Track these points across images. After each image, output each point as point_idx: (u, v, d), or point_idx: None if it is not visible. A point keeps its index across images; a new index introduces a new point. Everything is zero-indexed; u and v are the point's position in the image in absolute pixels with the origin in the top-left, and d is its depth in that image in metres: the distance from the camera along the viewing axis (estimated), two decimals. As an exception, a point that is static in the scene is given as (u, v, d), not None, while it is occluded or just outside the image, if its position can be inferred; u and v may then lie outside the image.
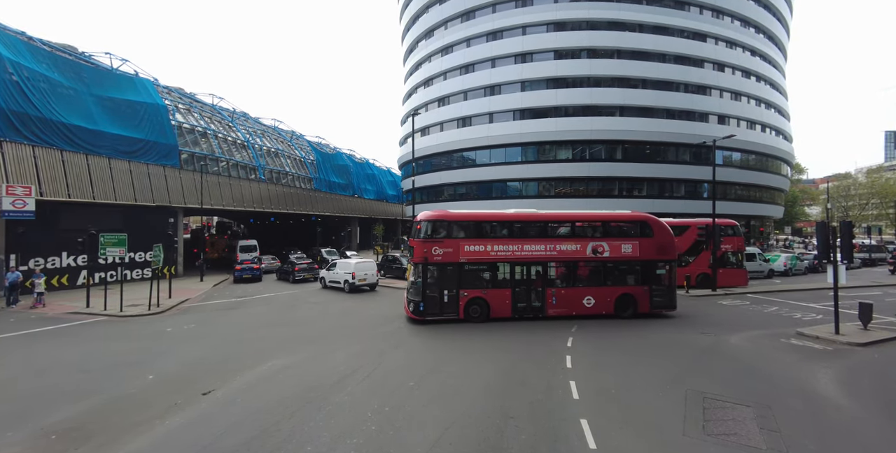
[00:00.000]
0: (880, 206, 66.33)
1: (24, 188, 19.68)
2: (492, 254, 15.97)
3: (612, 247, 16.48)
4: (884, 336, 13.49)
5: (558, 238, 16.70)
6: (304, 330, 14.94)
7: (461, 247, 15.73)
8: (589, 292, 16.41)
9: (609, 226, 17.10)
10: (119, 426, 7.35)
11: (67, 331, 14.69)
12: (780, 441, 6.91)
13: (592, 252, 16.41)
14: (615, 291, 16.48)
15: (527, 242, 16.26)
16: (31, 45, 22.98)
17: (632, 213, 17.82)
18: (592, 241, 16.48)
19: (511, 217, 16.89)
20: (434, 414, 7.72)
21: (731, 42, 42.96)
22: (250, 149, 39.24)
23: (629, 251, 16.54)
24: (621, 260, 16.59)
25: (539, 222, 16.89)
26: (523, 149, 41.23)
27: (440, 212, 16.77)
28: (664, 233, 16.84)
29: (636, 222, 17.09)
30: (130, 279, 25.90)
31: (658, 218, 17.41)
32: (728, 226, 26.05)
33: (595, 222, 17.25)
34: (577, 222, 17.31)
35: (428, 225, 16.07)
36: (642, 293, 16.55)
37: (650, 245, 16.61)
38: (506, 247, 16.07)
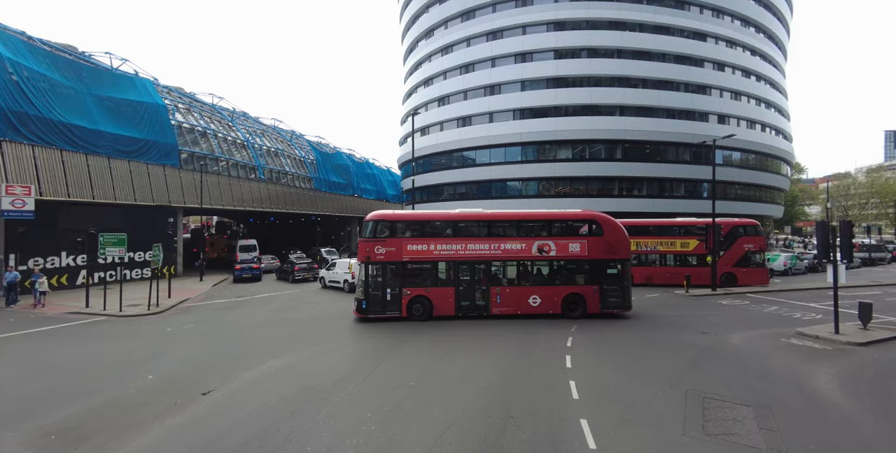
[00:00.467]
0: (880, 206, 66.38)
1: (24, 188, 19.67)
2: (435, 253, 16.23)
3: (559, 246, 16.40)
4: (884, 335, 13.49)
5: (503, 237, 16.71)
6: (303, 329, 14.93)
7: (404, 247, 16.08)
8: (535, 291, 16.37)
9: (556, 225, 16.99)
10: (119, 426, 7.35)
11: (67, 331, 14.69)
12: (779, 440, 6.91)
13: (538, 251, 16.38)
14: (562, 291, 16.38)
15: (471, 242, 16.40)
16: (31, 44, 22.96)
17: (582, 212, 17.58)
18: (538, 240, 16.46)
19: (454, 217, 17.15)
20: (434, 414, 7.72)
21: (731, 41, 42.95)
22: (250, 148, 39.23)
23: (577, 250, 16.40)
24: (569, 259, 16.54)
25: (483, 222, 16.94)
26: (523, 149, 41.23)
27: (384, 212, 17.07)
28: (615, 232, 16.54)
29: (585, 221, 16.88)
30: (130, 279, 25.90)
31: (609, 216, 17.08)
32: (750, 226, 26.38)
33: (542, 221, 17.13)
34: (524, 221, 17.21)
35: (371, 225, 16.40)
36: (592, 293, 16.32)
37: (600, 244, 16.38)
38: (449, 247, 16.30)
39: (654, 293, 23.64)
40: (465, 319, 16.09)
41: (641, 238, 25.54)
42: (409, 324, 15.53)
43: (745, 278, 25.11)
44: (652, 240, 25.69)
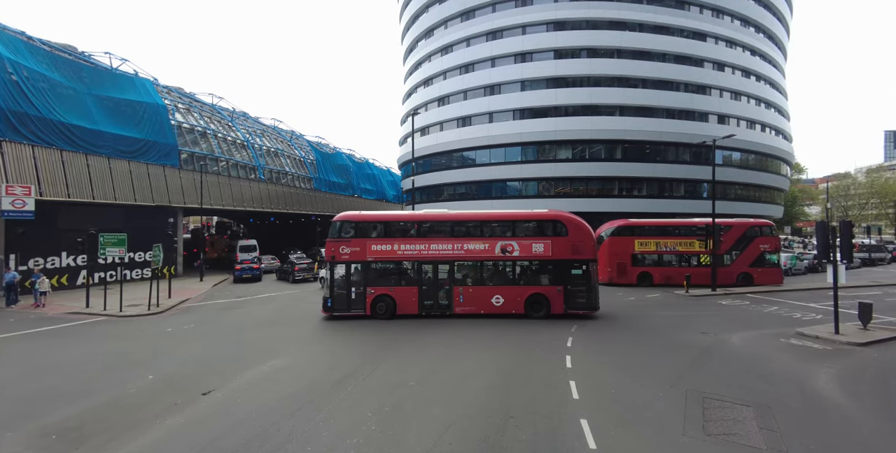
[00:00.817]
0: (880, 206, 66.41)
1: (24, 188, 19.68)
2: (398, 253, 16.54)
3: (522, 246, 16.43)
4: (883, 336, 13.50)
5: (466, 237, 16.81)
6: (304, 330, 14.94)
7: (368, 247, 16.45)
8: (498, 291, 16.43)
9: (520, 226, 17.00)
10: (119, 426, 7.35)
11: (67, 331, 14.69)
12: (779, 440, 6.91)
13: (501, 251, 16.46)
14: (526, 291, 16.37)
15: (434, 242, 16.61)
16: (30, 44, 22.97)
17: (547, 212, 17.50)
18: (501, 240, 16.53)
19: (418, 217, 17.56)
20: (434, 414, 7.72)
21: (731, 41, 42.95)
22: (250, 148, 39.23)
23: (541, 250, 16.36)
24: (532, 259, 16.54)
25: (446, 222, 17.16)
26: (523, 149, 41.23)
27: (350, 213, 17.55)
28: (580, 233, 16.44)
29: (549, 221, 16.82)
30: (130, 279, 25.91)
31: (575, 217, 16.93)
32: (766, 226, 26.77)
33: (505, 222, 17.22)
34: (487, 222, 17.26)
35: (336, 225, 16.80)
36: (555, 293, 16.24)
37: (564, 244, 16.30)
38: (412, 247, 16.58)
39: (655, 293, 23.65)
40: (457, 318, 16.18)
41: (661, 238, 25.79)
42: (409, 324, 15.52)
43: (760, 278, 25.49)
44: (671, 241, 25.92)
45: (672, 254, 25.95)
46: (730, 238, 25.76)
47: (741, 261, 25.68)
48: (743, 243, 25.74)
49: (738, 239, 25.82)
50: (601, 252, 25.01)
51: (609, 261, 25.51)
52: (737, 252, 25.79)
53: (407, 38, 53.12)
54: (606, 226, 27.08)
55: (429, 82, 47.90)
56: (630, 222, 26.67)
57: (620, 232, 26.06)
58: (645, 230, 26.11)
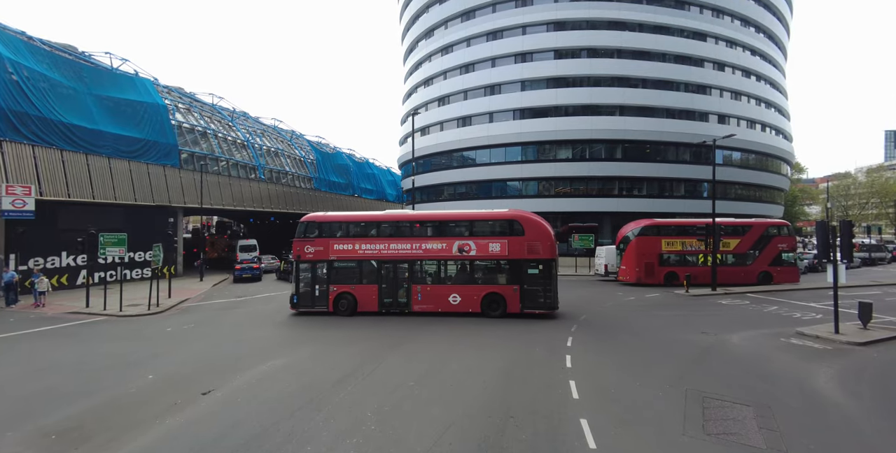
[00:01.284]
0: (880, 206, 66.38)
1: (24, 188, 19.68)
2: (359, 252, 17.15)
3: (479, 245, 16.61)
4: (883, 335, 13.49)
5: (424, 237, 17.19)
6: (304, 329, 14.95)
7: (331, 246, 17.18)
8: (455, 290, 16.74)
9: (478, 226, 17.22)
10: (119, 426, 7.35)
11: (67, 331, 14.69)
12: (779, 440, 6.91)
13: (458, 251, 16.72)
14: (482, 290, 16.55)
15: (393, 241, 17.12)
16: (30, 44, 22.97)
17: (505, 212, 17.67)
18: (459, 240, 16.80)
19: (378, 218, 18.19)
20: (434, 414, 7.72)
21: (731, 41, 42.93)
22: (250, 148, 39.24)
23: (497, 250, 16.51)
24: (489, 258, 16.70)
25: (405, 222, 17.66)
26: (523, 149, 41.22)
27: (315, 214, 18.45)
28: (537, 232, 16.41)
29: (506, 221, 16.95)
30: (130, 279, 25.92)
31: (534, 216, 16.94)
32: (784, 226, 27.21)
33: (463, 222, 17.48)
34: (445, 222, 17.62)
35: (302, 226, 17.67)
36: (511, 292, 16.32)
37: (520, 244, 16.35)
38: (372, 246, 17.16)
39: (655, 293, 23.65)
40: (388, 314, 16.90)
41: (686, 238, 25.94)
42: (410, 324, 15.53)
43: (779, 276, 25.91)
44: (696, 240, 26.04)
45: (696, 253, 26.06)
46: (750, 238, 26.12)
47: (761, 261, 26.03)
48: (762, 243, 26.12)
49: (757, 239, 26.17)
50: (629, 252, 25.96)
51: (637, 261, 25.72)
52: (757, 251, 26.10)
53: (407, 39, 53.11)
54: (632, 225, 27.16)
55: (429, 82, 47.90)
56: (656, 222, 26.74)
57: (647, 232, 26.08)
58: (671, 230, 26.29)
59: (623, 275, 26.78)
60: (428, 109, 47.16)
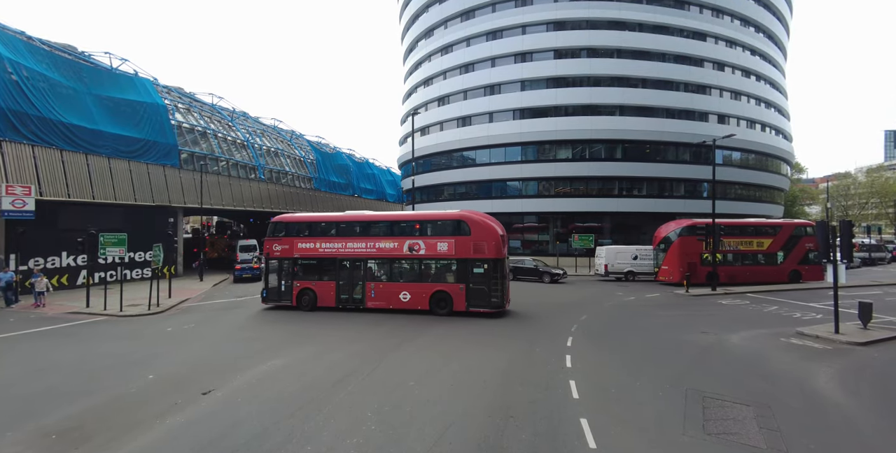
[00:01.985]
0: (880, 206, 66.37)
1: (24, 188, 19.68)
2: (319, 250, 18.19)
3: (428, 245, 17.07)
4: (883, 335, 13.50)
5: (378, 236, 17.92)
6: (303, 329, 14.94)
7: (295, 245, 18.37)
8: (406, 288, 17.31)
9: (428, 225, 17.76)
10: (119, 426, 7.35)
11: (67, 331, 14.69)
12: (779, 440, 6.91)
13: (409, 250, 17.27)
14: (431, 288, 17.00)
15: (350, 240, 18.01)
16: (30, 44, 22.96)
17: (453, 212, 18.10)
18: (409, 239, 17.35)
19: (337, 218, 19.18)
20: (434, 414, 7.72)
21: (731, 41, 42.92)
22: (250, 148, 39.23)
23: (445, 249, 16.89)
24: (437, 257, 17.13)
25: (361, 222, 18.52)
26: (523, 149, 41.21)
27: (284, 215, 19.60)
28: (483, 233, 16.62)
29: (453, 221, 17.33)
30: (130, 279, 25.91)
31: (482, 217, 17.23)
32: (809, 226, 28.03)
33: (414, 222, 18.11)
34: (398, 222, 18.42)
35: (272, 226, 19.00)
36: (458, 291, 16.65)
37: (466, 243, 16.63)
38: (331, 245, 18.14)
39: (655, 293, 23.66)
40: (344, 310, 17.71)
41: (725, 238, 26.33)
42: (410, 324, 15.53)
43: (807, 275, 26.78)
44: (734, 240, 26.60)
45: (736, 252, 26.56)
46: (780, 238, 26.82)
47: (791, 260, 26.80)
48: (791, 243, 26.90)
49: (787, 239, 26.89)
50: (672, 252, 26.38)
51: (680, 261, 25.99)
52: (787, 251, 26.77)
53: (407, 38, 53.10)
54: (672, 225, 27.56)
55: (429, 82, 47.89)
56: (696, 222, 27.04)
57: (689, 232, 26.29)
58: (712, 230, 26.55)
59: (664, 275, 26.83)
60: (428, 109, 47.16)
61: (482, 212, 18.47)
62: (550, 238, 41.36)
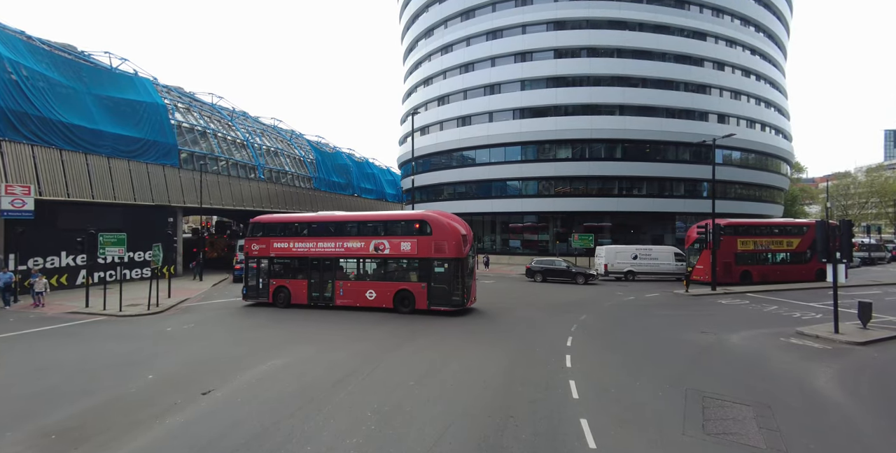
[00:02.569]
0: (880, 205, 66.37)
1: (23, 187, 19.65)
2: (293, 250, 18.85)
3: (392, 244, 17.51)
4: (883, 335, 13.51)
5: (346, 236, 18.45)
6: (303, 329, 14.93)
7: (271, 244, 19.12)
8: (371, 286, 17.78)
9: (392, 226, 18.21)
10: (119, 426, 7.34)
11: (67, 331, 14.68)
12: (779, 440, 6.91)
13: (374, 249, 17.74)
14: (394, 287, 17.41)
15: (320, 240, 18.57)
16: (30, 44, 22.93)
17: (416, 213, 18.75)
18: (375, 239, 17.82)
19: (309, 219, 20.06)
20: (434, 414, 7.72)
21: (731, 41, 42.90)
22: (250, 148, 39.21)
23: (408, 249, 17.28)
24: (401, 257, 17.52)
25: (331, 223, 19.17)
26: (523, 149, 41.20)
27: (261, 217, 20.29)
28: (443, 233, 16.92)
29: (416, 221, 17.75)
30: (130, 279, 25.88)
31: (444, 217, 17.46)
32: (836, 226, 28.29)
33: (380, 222, 18.67)
34: (365, 222, 18.88)
35: (250, 226, 19.86)
36: (420, 290, 17.01)
37: (428, 243, 16.96)
38: (303, 245, 18.76)
39: (654, 292, 23.67)
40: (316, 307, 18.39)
41: (758, 238, 26.89)
42: (410, 324, 15.54)
43: None
44: (766, 240, 27.14)
45: (768, 252, 27.11)
46: (808, 237, 27.27)
47: (817, 258, 26.94)
48: None
49: (814, 238, 26.72)
50: (707, 252, 26.04)
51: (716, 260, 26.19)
52: (813, 250, 26.98)
53: (407, 38, 53.07)
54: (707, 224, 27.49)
55: (429, 82, 47.87)
56: (732, 222, 27.46)
57: (725, 232, 26.29)
58: (745, 229, 27.24)
59: (699, 275, 26.69)
60: (427, 109, 47.14)
61: (448, 213, 18.83)
62: (550, 238, 41.37)
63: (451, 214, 18.53)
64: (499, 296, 22.56)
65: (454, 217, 18.28)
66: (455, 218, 18.22)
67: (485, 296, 22.73)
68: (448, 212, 19.28)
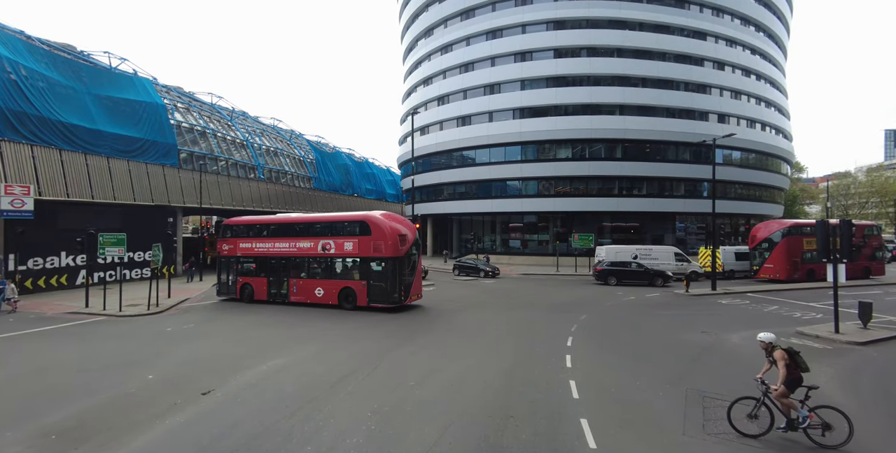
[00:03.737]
0: (880, 205, 66.35)
1: (23, 187, 19.65)
2: (255, 250, 20.28)
3: (337, 244, 18.41)
4: (883, 335, 13.51)
5: (298, 237, 19.47)
6: (303, 329, 14.93)
7: (238, 245, 20.68)
8: (319, 284, 18.73)
9: (338, 227, 19.07)
10: (119, 426, 7.34)
11: (67, 331, 14.68)
12: (779, 439, 6.90)
13: (322, 249, 18.68)
14: (339, 284, 18.31)
15: (277, 241, 19.84)
16: (29, 44, 22.92)
17: (357, 214, 19.53)
18: (322, 240, 18.76)
19: (268, 221, 21.27)
20: (434, 414, 7.71)
21: (731, 40, 42.90)
22: (249, 148, 39.20)
23: (350, 248, 18.14)
24: (345, 256, 18.41)
25: (287, 224, 20.49)
26: (523, 148, 41.19)
27: (232, 219, 21.87)
28: (381, 233, 17.54)
29: (356, 222, 18.55)
30: (129, 279, 25.88)
31: (382, 218, 18.13)
32: (876, 227, 31.70)
33: (327, 223, 19.69)
34: (313, 223, 19.97)
35: (222, 228, 21.95)
36: (360, 287, 17.82)
37: (367, 243, 17.69)
38: (263, 245, 20.14)
39: (655, 292, 23.66)
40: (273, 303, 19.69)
41: (812, 238, 27.84)
42: (410, 324, 15.56)
43: (875, 270, 29.94)
44: (811, 239, 27.96)
45: (812, 250, 27.94)
46: (856, 237, 28.83)
47: (863, 257, 29.31)
48: (863, 241, 29.37)
49: (861, 238, 29.34)
50: (778, 251, 28.42)
51: (786, 259, 27.98)
52: (859, 249, 28.83)
53: (407, 38, 53.06)
54: (774, 225, 29.84)
55: (428, 81, 47.86)
56: (798, 223, 29.81)
57: (793, 232, 28.42)
58: (810, 230, 28.37)
59: (769, 273, 28.57)
60: (427, 109, 47.13)
61: (395, 214, 19.70)
62: (550, 237, 41.37)
63: (396, 215, 19.41)
64: (498, 296, 22.56)
65: (399, 218, 19.15)
66: (399, 219, 19.07)
67: (485, 296, 22.72)
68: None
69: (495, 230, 45.00)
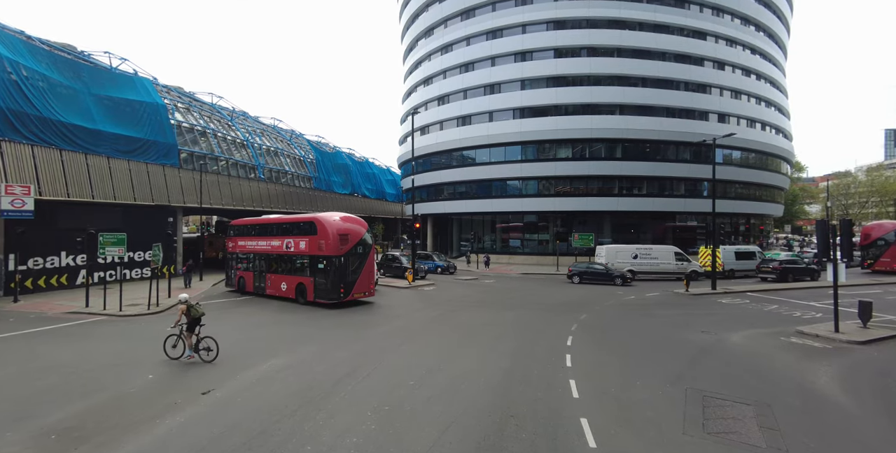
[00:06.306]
0: (880, 205, 66.32)
1: (23, 187, 19.63)
2: (246, 247, 22.75)
3: (296, 243, 19.91)
4: (883, 334, 13.50)
5: (273, 236, 21.46)
6: (302, 328, 14.94)
7: (237, 243, 23.32)
8: (284, 279, 20.42)
9: (296, 226, 20.58)
10: (119, 426, 7.34)
11: (67, 331, 14.68)
12: (779, 439, 6.91)
13: (286, 247, 20.34)
14: (296, 280, 19.76)
15: (260, 239, 22.08)
16: (29, 44, 22.90)
17: (309, 215, 21.10)
18: (286, 239, 20.45)
19: (254, 221, 23.32)
20: (434, 413, 7.72)
21: (731, 40, 42.86)
22: (249, 148, 39.19)
23: (303, 247, 19.49)
24: (299, 254, 19.78)
25: (266, 224, 22.51)
26: (523, 148, 41.17)
27: (237, 220, 24.49)
28: (324, 232, 18.53)
29: (307, 222, 19.84)
30: (130, 278, 25.86)
31: (328, 218, 19.17)
32: None
33: (290, 223, 21.24)
34: (281, 224, 21.66)
35: (228, 228, 24.70)
36: (310, 283, 19.08)
37: (315, 242, 18.88)
38: (251, 243, 22.49)
39: (654, 292, 23.66)
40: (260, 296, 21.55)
41: None
42: (409, 324, 15.54)
43: None
44: None
45: None
46: None
47: (888, 256, 31.73)
48: None
49: (878, 238, 32.44)
50: (892, 251, 31.64)
51: None
52: None
53: (407, 38, 53.03)
54: (889, 226, 33.09)
55: (429, 81, 47.84)
56: None
57: None
58: None
59: (883, 266, 31.94)
60: (428, 108, 47.11)
61: (350, 215, 20.55)
62: (550, 237, 41.35)
63: (351, 217, 20.30)
64: (498, 295, 22.57)
65: (353, 219, 19.97)
66: (353, 219, 19.91)
67: (485, 296, 22.72)
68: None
69: (495, 230, 45.00)
